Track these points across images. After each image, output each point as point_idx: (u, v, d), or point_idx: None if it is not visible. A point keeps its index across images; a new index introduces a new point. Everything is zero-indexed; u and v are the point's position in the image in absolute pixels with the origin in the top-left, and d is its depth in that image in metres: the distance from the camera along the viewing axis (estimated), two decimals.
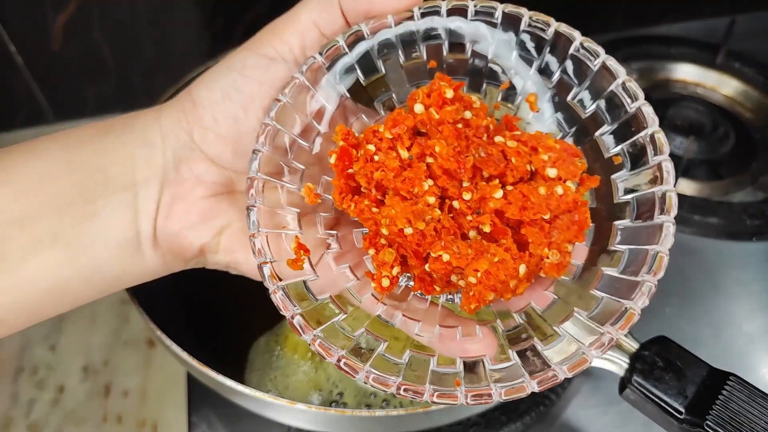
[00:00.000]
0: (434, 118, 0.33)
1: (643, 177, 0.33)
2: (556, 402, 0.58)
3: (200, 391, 0.58)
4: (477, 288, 0.31)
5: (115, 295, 0.67)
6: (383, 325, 0.34)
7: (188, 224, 0.36)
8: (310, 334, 0.31)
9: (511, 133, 0.34)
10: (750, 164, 0.78)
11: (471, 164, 0.33)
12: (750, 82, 0.87)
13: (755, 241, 0.71)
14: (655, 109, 0.85)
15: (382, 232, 0.33)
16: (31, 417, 0.58)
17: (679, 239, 0.71)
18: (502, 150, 0.33)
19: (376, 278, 0.33)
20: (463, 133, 0.33)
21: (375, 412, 0.44)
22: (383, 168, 0.33)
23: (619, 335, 0.31)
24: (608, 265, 0.33)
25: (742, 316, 0.65)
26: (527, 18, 0.35)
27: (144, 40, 0.82)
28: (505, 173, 0.33)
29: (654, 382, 0.45)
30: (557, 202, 0.32)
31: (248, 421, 0.56)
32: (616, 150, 0.34)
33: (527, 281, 0.33)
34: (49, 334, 0.64)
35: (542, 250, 0.32)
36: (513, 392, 0.30)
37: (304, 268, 0.33)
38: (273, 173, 0.34)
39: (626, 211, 0.33)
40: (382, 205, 0.33)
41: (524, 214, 0.32)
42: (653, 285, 0.31)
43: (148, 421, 0.57)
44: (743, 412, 0.42)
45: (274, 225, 0.33)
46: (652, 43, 0.91)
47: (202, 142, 0.36)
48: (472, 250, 0.32)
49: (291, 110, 0.35)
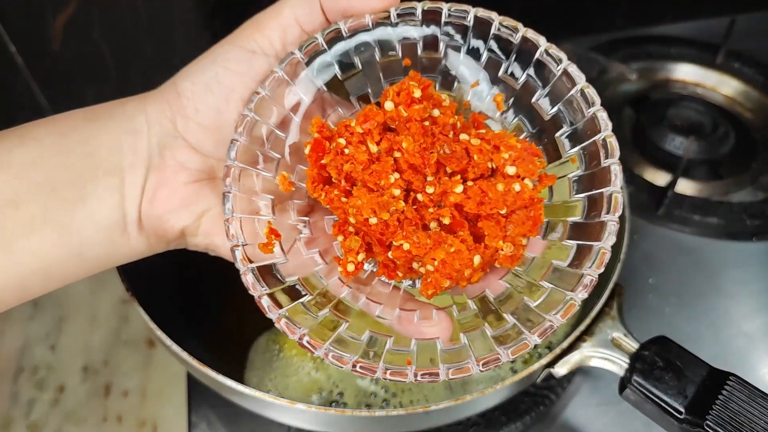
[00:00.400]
0: (403, 115, 0.35)
1: (596, 178, 0.35)
2: (556, 402, 0.58)
3: (200, 390, 0.58)
4: (434, 275, 0.34)
5: (115, 295, 0.67)
6: (347, 307, 0.36)
7: (171, 208, 0.37)
8: (275, 313, 0.33)
9: (477, 131, 0.37)
10: (750, 164, 0.78)
11: (435, 160, 0.35)
12: (750, 82, 0.87)
13: (755, 241, 0.71)
14: (655, 109, 0.85)
15: (349, 221, 0.35)
16: (31, 417, 0.58)
17: (679, 239, 0.71)
18: (466, 147, 0.35)
19: (343, 263, 0.35)
20: (430, 130, 0.35)
21: (375, 412, 0.44)
22: (353, 161, 0.35)
23: (559, 322, 0.33)
24: (558, 257, 0.35)
25: (742, 316, 0.65)
26: (497, 23, 0.37)
27: (144, 40, 0.82)
28: (466, 169, 0.35)
29: (654, 382, 0.45)
30: (514, 198, 0.34)
31: (248, 421, 0.56)
32: (573, 151, 0.36)
33: (482, 271, 0.35)
34: (50, 334, 0.64)
35: (497, 242, 0.34)
36: (458, 372, 0.32)
37: (274, 252, 0.35)
38: (250, 162, 0.36)
39: (578, 209, 0.36)
40: (350, 196, 0.35)
41: (481, 209, 0.34)
42: (594, 278, 0.33)
43: (148, 420, 0.57)
44: (743, 412, 0.42)
45: (249, 211, 0.35)
46: (652, 43, 0.91)
47: (184, 131, 0.37)
48: (430, 240, 0.34)
49: (269, 102, 0.36)
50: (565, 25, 0.93)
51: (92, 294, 0.67)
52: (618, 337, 0.49)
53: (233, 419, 0.57)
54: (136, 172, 0.37)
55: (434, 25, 0.37)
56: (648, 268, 0.68)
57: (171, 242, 0.39)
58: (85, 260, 0.37)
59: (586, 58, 0.83)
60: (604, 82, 0.86)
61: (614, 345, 0.48)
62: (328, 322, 0.35)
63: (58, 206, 0.35)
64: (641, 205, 0.73)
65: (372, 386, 0.54)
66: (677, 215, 0.72)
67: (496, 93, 0.39)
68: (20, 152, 0.35)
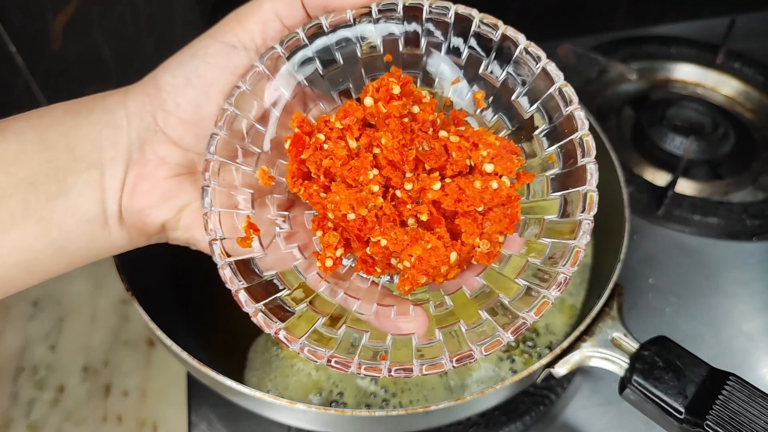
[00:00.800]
0: (382, 111, 0.35)
1: (572, 176, 0.35)
2: (556, 402, 0.58)
3: (200, 390, 0.59)
4: (411, 272, 0.34)
5: (115, 295, 0.67)
6: (324, 301, 0.36)
7: (151, 203, 0.38)
8: (252, 307, 0.34)
9: (456, 128, 0.37)
10: (750, 164, 0.78)
11: (414, 157, 0.35)
12: (750, 82, 0.87)
13: (755, 241, 0.71)
14: (655, 109, 0.85)
15: (328, 216, 0.35)
16: (31, 417, 0.58)
17: (679, 239, 0.71)
18: (445, 144, 0.35)
19: (321, 258, 0.36)
20: (409, 126, 0.35)
21: (375, 412, 0.44)
22: (332, 156, 0.35)
23: (533, 319, 0.33)
24: (533, 255, 0.35)
25: (742, 316, 0.65)
26: (477, 20, 0.37)
27: (144, 40, 0.82)
28: (445, 166, 0.35)
29: (654, 382, 0.45)
30: (491, 195, 0.34)
31: (248, 421, 0.56)
32: (550, 150, 0.36)
33: (458, 268, 0.35)
34: (49, 334, 0.64)
35: (474, 239, 0.34)
36: (432, 368, 0.33)
37: (253, 246, 0.35)
38: (229, 156, 0.36)
39: (555, 207, 0.36)
40: (329, 191, 0.35)
41: (459, 206, 0.34)
42: (568, 276, 0.33)
43: (148, 420, 0.57)
44: (743, 411, 0.42)
45: (228, 205, 0.36)
46: (652, 43, 0.91)
47: (165, 125, 0.37)
48: (407, 236, 0.34)
49: (250, 97, 0.36)
50: (565, 25, 0.94)
51: (92, 294, 0.67)
52: (618, 337, 0.49)
53: (233, 419, 0.57)
54: (116, 166, 0.37)
55: (415, 22, 0.37)
56: (648, 268, 0.68)
57: (152, 236, 0.39)
58: (66, 254, 0.37)
59: (586, 58, 0.83)
60: (604, 82, 0.86)
61: (614, 345, 0.48)
62: (305, 317, 0.35)
63: (38, 200, 0.35)
64: (641, 205, 0.73)
65: (372, 386, 0.54)
66: (677, 215, 0.72)
67: (477, 90, 0.39)
68: (1, 147, 0.36)
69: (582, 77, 0.85)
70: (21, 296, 0.66)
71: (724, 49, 0.88)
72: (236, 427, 0.56)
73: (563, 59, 0.83)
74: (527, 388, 0.57)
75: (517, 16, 0.91)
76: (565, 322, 0.59)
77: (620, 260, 0.53)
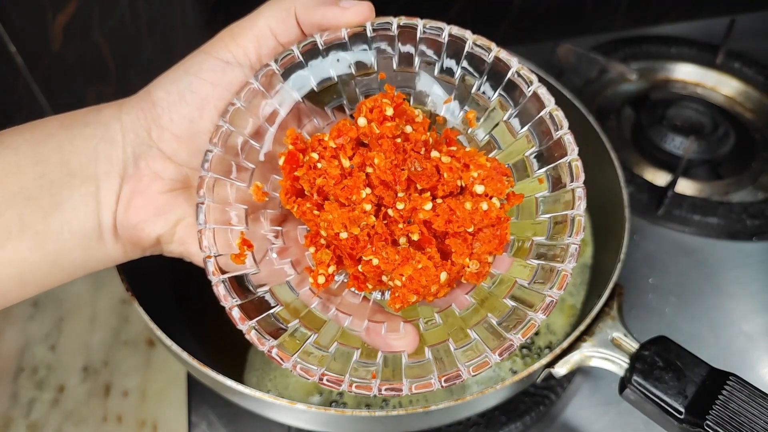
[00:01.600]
0: (375, 132, 0.36)
1: (561, 199, 0.36)
2: (556, 402, 0.58)
3: (200, 390, 0.59)
4: (401, 290, 0.35)
5: (115, 295, 0.67)
6: (316, 318, 0.37)
7: (146, 217, 0.38)
8: (245, 325, 0.34)
9: (448, 148, 0.37)
10: (750, 164, 0.78)
11: (406, 177, 0.35)
12: (750, 82, 0.87)
13: (755, 241, 0.71)
14: (655, 109, 0.85)
15: (321, 233, 0.36)
16: (31, 417, 0.58)
17: (680, 239, 0.71)
18: (436, 165, 0.36)
19: (314, 275, 0.36)
20: (402, 147, 0.36)
21: (375, 412, 0.44)
22: (325, 175, 0.35)
23: (520, 341, 0.34)
24: (521, 275, 0.36)
25: (742, 316, 0.65)
26: (471, 42, 0.37)
27: (144, 40, 0.82)
28: (436, 187, 0.36)
29: (654, 382, 0.45)
30: (481, 216, 0.35)
31: (248, 421, 0.56)
32: (540, 172, 0.37)
33: (448, 287, 0.36)
34: (50, 334, 0.64)
35: (464, 259, 0.35)
36: (421, 387, 0.33)
37: (246, 263, 0.36)
38: (223, 172, 0.37)
39: (544, 228, 0.37)
40: (322, 209, 0.36)
41: (449, 227, 0.35)
42: (554, 300, 0.34)
43: (148, 420, 0.57)
44: (743, 411, 0.42)
45: (222, 221, 0.36)
46: (652, 43, 0.91)
47: (159, 141, 0.37)
48: (399, 256, 0.35)
49: (244, 113, 0.37)
50: (565, 25, 0.94)
51: (92, 294, 0.67)
52: (618, 337, 0.49)
53: (233, 419, 0.57)
54: (110, 181, 0.37)
55: (410, 42, 0.38)
56: (648, 268, 0.68)
57: (146, 249, 0.40)
58: (60, 267, 0.37)
59: (586, 58, 0.83)
60: (604, 82, 0.86)
61: (614, 345, 0.48)
62: (297, 334, 0.35)
63: (33, 214, 0.35)
64: (641, 205, 0.73)
65: None
66: (677, 215, 0.72)
67: (468, 110, 0.39)
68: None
69: (582, 77, 0.85)
70: None
71: (724, 49, 0.88)
72: (236, 427, 0.57)
73: (563, 59, 0.83)
74: (527, 388, 0.57)
75: (517, 16, 0.91)
76: (565, 322, 0.59)
77: (620, 260, 0.53)
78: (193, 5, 0.79)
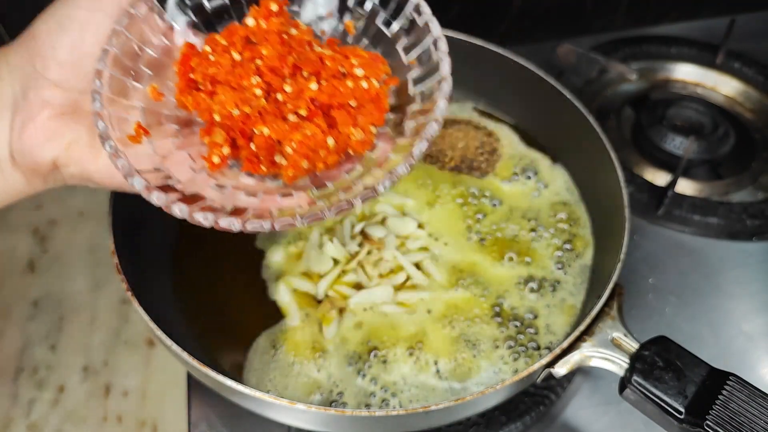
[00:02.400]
0: (263, 27, 0.39)
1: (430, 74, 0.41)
2: (556, 402, 0.58)
3: (200, 391, 0.59)
4: (293, 157, 0.38)
5: (115, 295, 0.67)
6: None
7: (38, 141, 0.40)
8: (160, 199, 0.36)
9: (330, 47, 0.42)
10: (750, 164, 0.78)
11: (292, 63, 0.39)
12: (750, 82, 0.87)
13: (755, 241, 0.71)
14: (655, 109, 0.85)
15: (215, 120, 0.39)
16: (31, 417, 0.58)
17: (680, 239, 0.71)
18: (320, 56, 0.40)
19: (208, 156, 0.39)
20: (287, 42, 0.39)
21: (375, 412, 0.44)
22: (217, 65, 0.39)
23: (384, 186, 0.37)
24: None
25: (742, 316, 0.65)
26: None
27: None
28: (320, 72, 0.39)
29: (654, 382, 0.45)
30: (362, 92, 0.39)
31: (248, 421, 0.56)
32: (412, 55, 0.43)
33: (336, 154, 0.39)
34: (49, 334, 0.64)
35: (348, 129, 0.39)
36: (313, 219, 0.36)
37: (142, 142, 0.38)
38: (121, 73, 0.40)
39: (416, 99, 0.42)
40: (216, 96, 0.39)
41: (333, 99, 0.39)
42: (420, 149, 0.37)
43: (147, 421, 0.57)
44: (743, 411, 0.43)
45: (119, 113, 0.39)
46: (652, 43, 0.91)
47: (44, 70, 0.40)
48: (288, 126, 0.38)
49: (139, 22, 0.40)
50: (565, 25, 0.94)
51: (92, 294, 0.67)
52: (618, 337, 0.49)
53: (233, 419, 0.57)
54: (2, 117, 0.40)
55: None
56: (648, 268, 0.68)
57: (47, 177, 0.42)
58: None
59: (586, 58, 0.83)
60: (604, 82, 0.86)
61: (614, 345, 0.48)
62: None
63: None
64: (641, 205, 0.73)
65: (372, 386, 0.54)
66: (677, 215, 0.72)
67: (348, 20, 0.44)
68: None
69: (582, 77, 0.85)
70: (21, 296, 0.67)
71: (724, 49, 0.88)
72: (236, 427, 0.57)
73: (563, 59, 0.83)
74: (527, 389, 0.57)
75: (517, 16, 0.91)
76: (565, 321, 0.59)
77: (620, 260, 0.53)
78: None
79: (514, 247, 0.63)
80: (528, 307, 0.59)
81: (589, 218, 0.66)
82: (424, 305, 0.59)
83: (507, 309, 0.59)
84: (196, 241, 0.62)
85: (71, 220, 0.73)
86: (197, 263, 0.62)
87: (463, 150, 0.70)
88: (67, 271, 0.69)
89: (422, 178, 0.68)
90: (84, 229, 0.72)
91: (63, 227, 0.73)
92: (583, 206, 0.67)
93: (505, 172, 0.69)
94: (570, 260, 0.63)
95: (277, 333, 0.58)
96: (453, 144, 0.71)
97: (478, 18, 0.90)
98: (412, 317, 0.58)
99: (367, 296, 0.59)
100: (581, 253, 0.63)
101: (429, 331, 0.57)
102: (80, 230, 0.72)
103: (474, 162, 0.70)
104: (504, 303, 0.59)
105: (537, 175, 0.69)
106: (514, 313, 0.59)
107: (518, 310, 0.59)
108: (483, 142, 0.72)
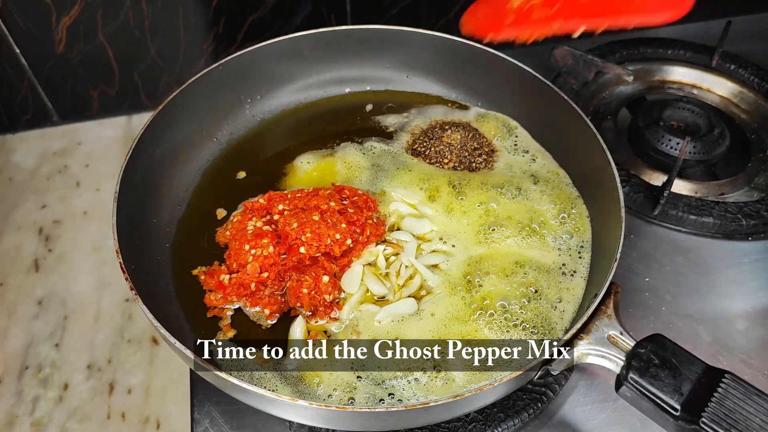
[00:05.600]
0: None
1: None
2: (553, 399, 0.58)
3: (203, 387, 0.59)
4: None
5: (119, 294, 0.67)
6: None
7: None
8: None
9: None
10: (745, 165, 0.79)
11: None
12: (745, 84, 0.88)
13: (751, 241, 0.72)
14: (651, 111, 0.85)
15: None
16: (35, 414, 0.59)
17: (675, 238, 0.72)
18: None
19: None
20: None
21: (375, 408, 0.45)
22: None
23: None
24: None
25: (737, 315, 0.66)
26: None
27: (147, 43, 0.83)
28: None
29: (650, 379, 0.45)
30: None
31: (250, 417, 0.57)
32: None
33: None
34: (54, 333, 0.64)
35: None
36: None
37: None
38: None
39: None
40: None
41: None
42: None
43: (151, 417, 0.58)
44: (738, 409, 0.43)
45: None
46: (648, 45, 0.92)
47: None
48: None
49: None
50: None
51: (96, 293, 0.67)
52: (614, 335, 0.49)
53: (236, 416, 0.57)
54: None
55: None
56: (644, 267, 0.69)
57: None
58: None
59: (583, 60, 0.84)
60: (600, 84, 0.87)
61: (611, 343, 0.49)
62: None
63: None
64: (638, 204, 0.73)
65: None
66: (673, 215, 0.72)
67: None
68: None
69: (579, 79, 0.85)
70: (26, 295, 0.67)
71: (719, 51, 0.88)
72: (239, 424, 0.57)
73: (560, 61, 0.84)
74: (525, 386, 0.57)
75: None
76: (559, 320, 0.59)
77: (616, 259, 0.53)
78: (195, 8, 0.79)
79: (514, 249, 0.64)
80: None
81: (586, 218, 0.66)
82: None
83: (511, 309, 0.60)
84: (197, 240, 0.63)
85: (76, 220, 0.74)
86: (200, 262, 0.63)
87: (461, 151, 0.71)
88: (72, 270, 0.69)
89: (423, 178, 0.69)
90: (88, 229, 0.73)
91: (67, 227, 0.73)
92: (581, 205, 0.67)
93: (503, 172, 0.70)
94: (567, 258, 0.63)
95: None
96: (452, 145, 0.72)
97: None
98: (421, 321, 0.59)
99: (392, 311, 0.58)
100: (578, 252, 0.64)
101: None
102: (85, 230, 0.73)
103: (473, 163, 0.71)
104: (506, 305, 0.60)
105: (535, 176, 0.70)
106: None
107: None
108: (481, 143, 0.72)
